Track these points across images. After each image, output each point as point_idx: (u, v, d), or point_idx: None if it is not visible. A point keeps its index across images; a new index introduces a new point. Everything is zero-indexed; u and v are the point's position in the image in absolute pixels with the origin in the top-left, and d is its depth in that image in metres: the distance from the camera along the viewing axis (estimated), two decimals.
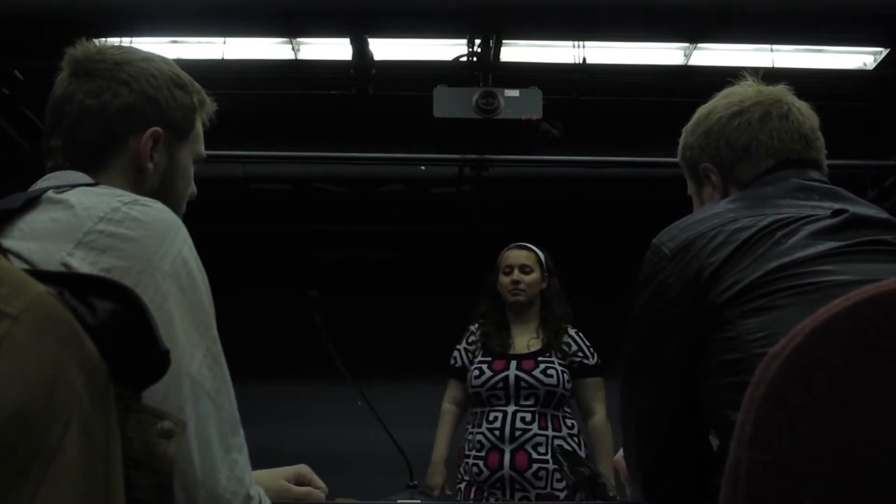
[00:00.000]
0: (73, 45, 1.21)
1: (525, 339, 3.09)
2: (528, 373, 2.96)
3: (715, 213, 1.24)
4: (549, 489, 2.85)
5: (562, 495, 2.81)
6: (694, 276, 1.16)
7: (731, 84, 1.44)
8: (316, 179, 4.96)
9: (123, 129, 1.17)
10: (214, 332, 1.03)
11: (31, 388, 0.66)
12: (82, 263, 0.96)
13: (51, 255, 0.96)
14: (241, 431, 1.04)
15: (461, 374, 3.12)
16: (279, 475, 1.46)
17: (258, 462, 1.28)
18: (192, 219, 1.28)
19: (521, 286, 3.09)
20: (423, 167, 4.75)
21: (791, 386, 0.79)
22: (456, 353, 3.18)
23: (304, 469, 1.51)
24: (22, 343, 0.67)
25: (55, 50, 1.22)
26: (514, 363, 2.99)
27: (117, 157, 1.17)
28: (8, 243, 0.97)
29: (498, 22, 3.64)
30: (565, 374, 2.98)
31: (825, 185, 1.30)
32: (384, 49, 3.96)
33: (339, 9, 3.52)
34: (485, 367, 3.02)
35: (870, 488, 0.76)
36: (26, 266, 0.94)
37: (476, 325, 3.18)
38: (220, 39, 4.00)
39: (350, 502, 2.49)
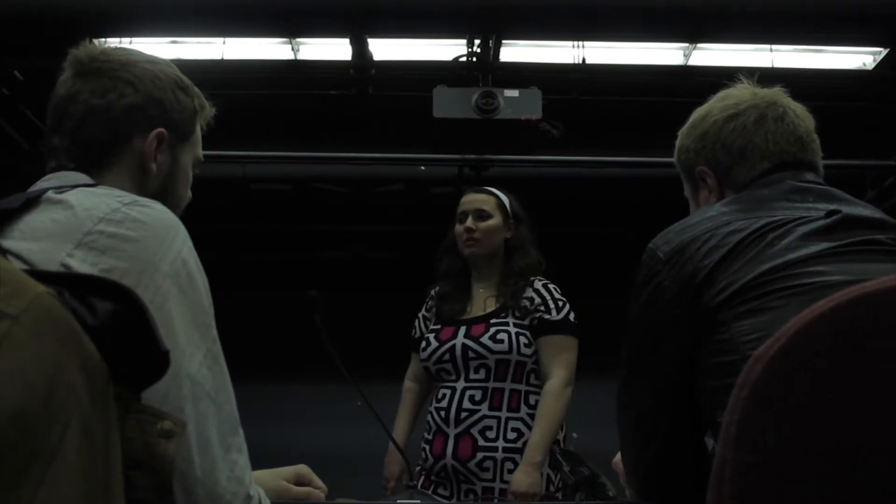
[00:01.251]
0: (76, 45, 1.22)
1: (483, 300, 2.61)
2: (476, 339, 2.49)
3: (709, 217, 1.24)
4: (498, 482, 2.42)
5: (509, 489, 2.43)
6: (688, 279, 1.17)
7: (729, 85, 1.44)
8: (316, 179, 4.96)
9: (128, 129, 1.18)
10: (214, 332, 1.03)
11: (31, 388, 0.66)
12: (82, 264, 0.96)
13: (51, 256, 0.96)
14: (241, 431, 1.04)
15: (419, 345, 2.68)
16: (279, 475, 1.46)
17: (258, 462, 1.28)
18: (192, 219, 1.28)
19: (476, 234, 2.59)
20: (422, 167, 4.76)
21: (775, 387, 0.79)
22: (416, 322, 2.75)
23: (303, 469, 1.51)
24: (22, 343, 0.67)
25: (55, 50, 1.23)
26: (462, 329, 2.53)
27: (121, 157, 1.18)
28: (8, 243, 0.97)
29: (497, 22, 3.64)
30: (521, 337, 2.48)
31: (820, 187, 1.30)
32: (384, 49, 3.96)
33: (339, 9, 3.52)
34: (432, 336, 2.59)
35: (855, 488, 0.76)
36: (26, 266, 0.94)
37: (436, 288, 2.74)
38: (220, 39, 4.01)
39: (350, 502, 2.49)
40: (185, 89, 1.25)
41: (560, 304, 2.59)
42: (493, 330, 2.50)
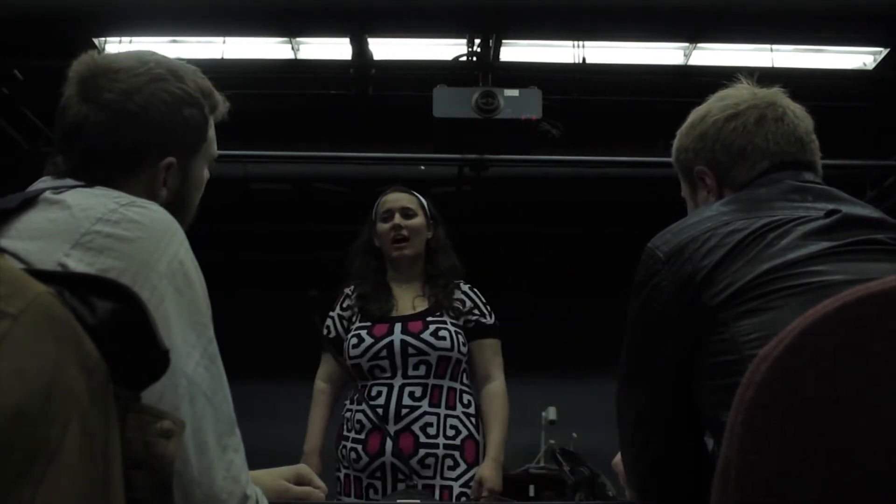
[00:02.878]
0: (76, 54, 1.17)
1: (409, 299, 2.60)
2: (416, 336, 2.48)
3: (708, 217, 1.24)
4: (438, 479, 2.42)
5: (455, 485, 2.43)
6: (687, 279, 1.17)
7: (728, 85, 1.44)
8: (316, 179, 4.96)
9: (135, 160, 1.16)
10: (211, 332, 1.03)
11: (30, 388, 0.66)
12: (79, 264, 0.96)
13: (48, 255, 0.96)
14: (238, 431, 1.04)
15: (336, 345, 2.58)
16: (279, 475, 1.46)
17: (258, 462, 1.28)
18: (193, 219, 1.28)
19: (404, 232, 2.58)
20: (423, 167, 4.76)
21: (780, 387, 0.79)
22: (329, 322, 2.65)
23: (303, 469, 1.51)
24: (22, 343, 0.67)
25: (55, 50, 1.22)
26: (398, 326, 2.51)
27: (129, 183, 1.15)
28: (4, 243, 0.97)
29: (498, 22, 3.64)
30: (460, 336, 2.52)
31: (819, 186, 1.30)
32: (384, 49, 3.96)
33: (339, 9, 3.52)
34: (364, 333, 2.52)
35: (859, 489, 0.76)
36: (23, 266, 0.94)
37: (351, 287, 2.67)
38: (220, 39, 4.01)
39: (350, 502, 2.49)
40: (194, 103, 1.20)
41: (488, 308, 2.64)
42: (432, 327, 2.51)
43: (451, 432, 2.46)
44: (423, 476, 2.41)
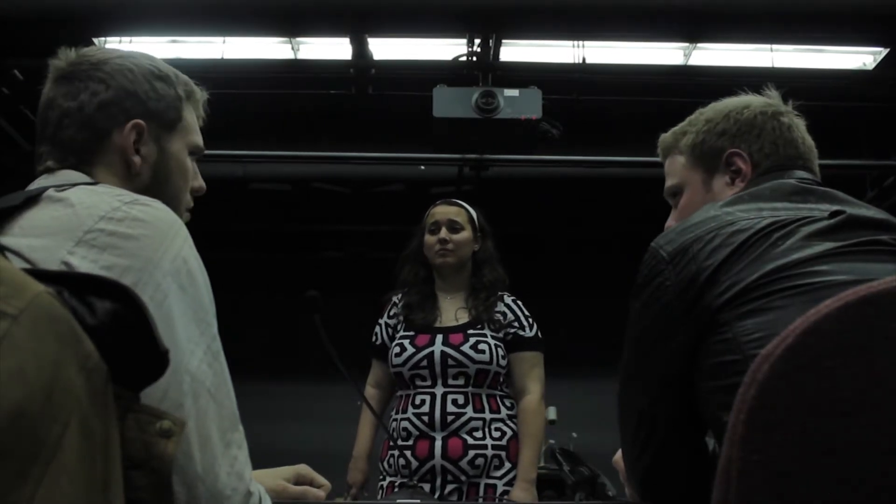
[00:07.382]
0: (62, 49, 1.22)
1: (453, 311, 2.66)
2: (456, 348, 2.54)
3: (712, 216, 1.24)
4: (484, 478, 2.48)
5: (499, 483, 2.48)
6: (691, 279, 1.17)
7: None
8: (316, 179, 4.97)
9: (104, 124, 1.17)
10: (214, 329, 1.03)
11: (30, 388, 0.66)
12: (83, 261, 0.96)
13: (51, 253, 0.96)
14: (241, 428, 1.04)
15: (382, 352, 2.68)
16: (280, 475, 1.46)
17: (259, 461, 1.28)
18: (192, 218, 1.28)
19: (450, 246, 2.65)
20: (423, 167, 4.76)
21: (782, 386, 0.78)
22: (377, 329, 2.75)
23: (304, 469, 1.50)
24: (21, 343, 0.66)
25: (55, 50, 1.23)
26: (440, 337, 2.57)
27: (103, 154, 1.17)
28: (7, 240, 0.97)
29: (498, 22, 3.65)
30: (499, 349, 2.56)
31: (822, 188, 1.31)
32: (384, 49, 3.97)
33: (339, 9, 3.52)
34: (406, 342, 2.60)
35: (863, 489, 0.76)
36: (26, 264, 0.94)
37: (399, 296, 2.75)
38: (220, 39, 4.01)
39: (350, 502, 2.50)
40: (164, 78, 1.23)
41: (530, 320, 2.66)
42: (472, 340, 2.56)
43: (496, 434, 2.52)
44: (470, 476, 2.47)
